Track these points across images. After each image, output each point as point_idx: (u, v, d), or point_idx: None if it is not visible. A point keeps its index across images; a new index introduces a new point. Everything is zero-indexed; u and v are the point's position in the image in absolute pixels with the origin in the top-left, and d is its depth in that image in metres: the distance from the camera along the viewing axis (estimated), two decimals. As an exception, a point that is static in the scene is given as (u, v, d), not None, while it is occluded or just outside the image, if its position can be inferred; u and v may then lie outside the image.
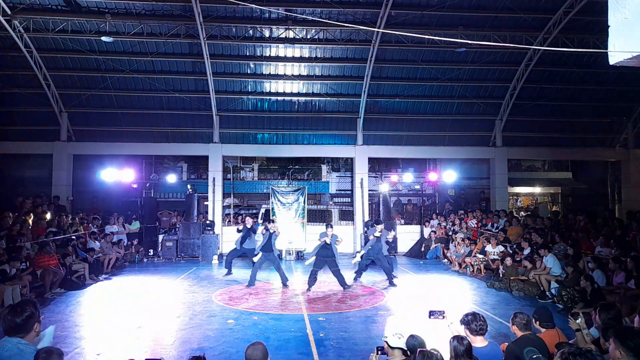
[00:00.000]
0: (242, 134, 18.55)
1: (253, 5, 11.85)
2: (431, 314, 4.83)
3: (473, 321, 4.32)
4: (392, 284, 11.48)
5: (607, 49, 2.61)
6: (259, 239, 12.67)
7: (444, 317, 4.79)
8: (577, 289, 9.01)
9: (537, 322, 4.86)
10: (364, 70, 16.75)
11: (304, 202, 17.52)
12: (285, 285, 11.38)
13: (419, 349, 3.68)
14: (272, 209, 17.53)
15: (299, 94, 17.91)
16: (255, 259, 11.55)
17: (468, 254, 13.97)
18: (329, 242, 10.87)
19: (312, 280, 10.91)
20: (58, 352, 3.19)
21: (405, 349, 4.03)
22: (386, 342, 4.13)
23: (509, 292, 10.75)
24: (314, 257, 11.02)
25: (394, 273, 12.00)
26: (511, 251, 12.79)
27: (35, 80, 16.14)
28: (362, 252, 11.98)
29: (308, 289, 10.82)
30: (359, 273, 12.15)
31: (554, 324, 4.92)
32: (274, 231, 11.52)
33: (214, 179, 17.60)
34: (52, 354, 3.14)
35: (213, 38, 15.48)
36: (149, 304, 9.76)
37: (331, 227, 11.25)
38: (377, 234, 11.55)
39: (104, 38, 14.83)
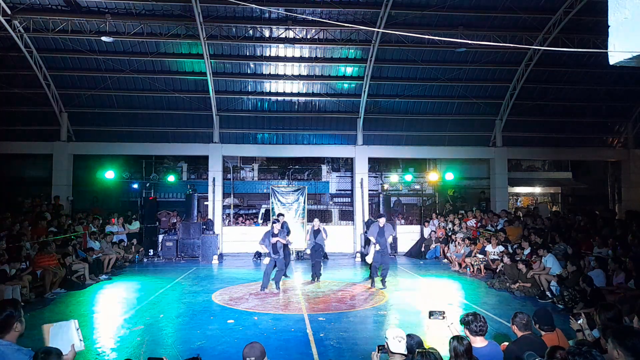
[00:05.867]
0: (242, 134, 18.54)
1: (253, 5, 11.85)
2: (431, 314, 4.83)
3: (473, 322, 4.32)
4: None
5: (607, 49, 2.60)
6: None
7: (444, 317, 4.78)
8: (577, 289, 9.01)
9: (537, 325, 4.84)
10: (364, 70, 16.75)
11: (304, 202, 17.51)
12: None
13: (417, 350, 3.68)
14: (272, 209, 17.53)
15: (299, 94, 17.90)
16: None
17: (468, 254, 13.97)
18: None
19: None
20: (57, 352, 3.17)
21: (406, 353, 4.03)
22: (387, 343, 4.13)
23: (509, 292, 10.75)
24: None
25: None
26: (511, 251, 12.79)
27: (35, 80, 16.13)
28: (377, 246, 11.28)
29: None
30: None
31: (554, 326, 4.90)
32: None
33: (214, 179, 17.59)
34: (51, 354, 3.13)
35: (213, 38, 15.47)
36: (148, 304, 9.76)
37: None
38: (381, 224, 11.20)
39: (104, 38, 14.81)
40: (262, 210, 20.60)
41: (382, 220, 11.34)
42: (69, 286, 11.04)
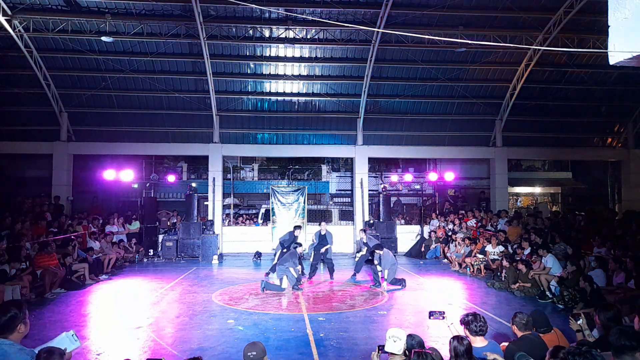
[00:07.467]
0: (242, 134, 18.54)
1: (253, 5, 11.86)
2: (431, 314, 4.84)
3: (473, 322, 4.32)
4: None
5: (607, 49, 2.61)
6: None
7: (444, 317, 4.79)
8: (577, 289, 9.01)
9: (534, 328, 4.85)
10: (364, 70, 16.74)
11: (304, 202, 17.51)
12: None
13: (413, 350, 3.69)
14: (272, 209, 17.54)
15: (299, 94, 17.90)
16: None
17: (468, 254, 13.96)
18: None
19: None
20: (59, 352, 3.19)
21: (400, 353, 4.03)
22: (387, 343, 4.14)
23: (509, 292, 10.74)
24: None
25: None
26: (511, 251, 12.78)
27: (35, 80, 16.13)
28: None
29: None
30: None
31: (550, 327, 4.90)
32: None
33: (214, 179, 17.59)
34: (53, 354, 3.14)
35: (213, 38, 15.47)
36: (148, 304, 9.76)
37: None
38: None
39: (104, 38, 14.82)
40: (262, 210, 20.60)
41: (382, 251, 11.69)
42: (69, 286, 11.03)
